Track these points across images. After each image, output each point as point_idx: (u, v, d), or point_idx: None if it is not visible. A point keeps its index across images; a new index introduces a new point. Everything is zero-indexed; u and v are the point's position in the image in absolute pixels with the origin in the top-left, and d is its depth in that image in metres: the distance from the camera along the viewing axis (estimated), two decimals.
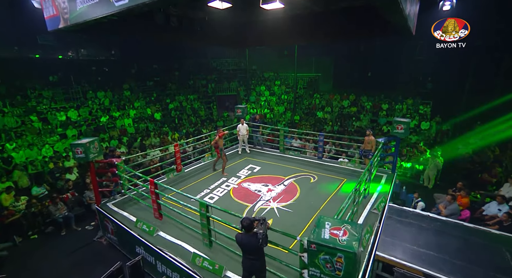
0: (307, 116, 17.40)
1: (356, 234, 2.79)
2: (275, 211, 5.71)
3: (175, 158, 7.64)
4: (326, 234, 2.85)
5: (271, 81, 20.90)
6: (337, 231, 2.87)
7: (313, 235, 2.93)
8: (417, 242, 4.49)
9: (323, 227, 2.94)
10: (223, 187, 6.94)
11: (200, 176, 7.65)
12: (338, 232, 2.85)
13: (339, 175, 7.59)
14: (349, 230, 2.84)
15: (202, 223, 4.31)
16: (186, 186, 7.02)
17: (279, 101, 19.03)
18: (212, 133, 8.91)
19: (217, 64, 21.28)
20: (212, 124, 15.24)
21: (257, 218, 3.26)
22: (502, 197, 6.36)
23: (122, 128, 12.10)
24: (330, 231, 2.88)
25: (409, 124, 6.94)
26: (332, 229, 2.91)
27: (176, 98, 16.98)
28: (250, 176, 7.60)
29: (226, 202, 6.14)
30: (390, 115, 15.44)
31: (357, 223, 3.14)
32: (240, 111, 10.03)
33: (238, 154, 9.56)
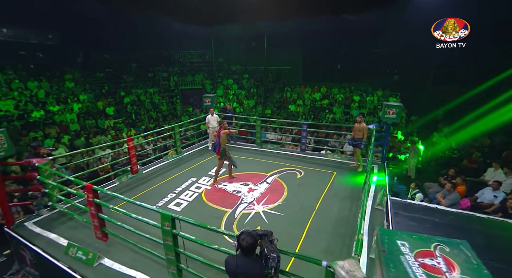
0: (279, 109, 16.56)
1: (473, 262, 1.56)
2: (262, 216, 4.54)
3: (129, 157, 6.03)
4: (416, 269, 1.54)
5: (239, 75, 19.70)
6: (431, 260, 1.62)
7: (390, 272, 1.59)
8: None
9: (399, 253, 1.67)
10: (193, 189, 5.56)
11: (163, 178, 6.16)
12: (436, 263, 1.58)
13: (326, 168, 6.70)
14: (454, 257, 1.59)
15: (166, 245, 2.94)
16: (144, 191, 5.49)
17: (248, 95, 17.90)
18: (175, 125, 7.41)
19: (180, 56, 19.43)
20: (175, 119, 13.51)
21: (261, 232, 2.06)
22: (498, 182, 6.01)
23: (62, 124, 9.85)
24: (417, 259, 1.62)
25: (401, 108, 6.31)
26: (418, 255, 1.66)
27: (133, 91, 14.84)
28: (225, 174, 6.32)
29: (197, 209, 4.80)
30: (362, 107, 15.29)
31: (456, 240, 1.96)
32: (208, 101, 8.67)
33: (208, 150, 8.19)
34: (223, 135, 5.54)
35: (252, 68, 19.97)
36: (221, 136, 5.53)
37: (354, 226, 4.22)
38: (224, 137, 5.55)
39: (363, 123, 6.36)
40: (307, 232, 4.09)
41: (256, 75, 19.76)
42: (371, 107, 15.05)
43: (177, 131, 7.30)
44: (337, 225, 4.27)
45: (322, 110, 15.74)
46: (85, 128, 10.63)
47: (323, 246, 3.77)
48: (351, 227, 4.20)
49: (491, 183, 6.08)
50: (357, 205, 4.89)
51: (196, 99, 17.92)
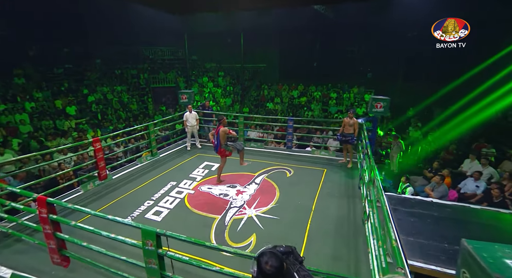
0: (257, 108, 16.16)
1: None
2: (256, 221, 4.05)
3: (95, 161, 5.18)
4: None
5: (214, 72, 18.99)
6: None
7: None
8: (445, 238, 3.49)
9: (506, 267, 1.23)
10: (174, 194, 4.90)
11: (137, 183, 5.40)
12: None
13: (315, 165, 6.40)
14: None
15: (150, 268, 2.32)
16: (115, 200, 4.72)
17: (224, 93, 17.28)
18: (149, 124, 6.63)
19: (150, 53, 18.20)
20: (147, 119, 12.47)
21: (283, 249, 1.57)
22: (479, 173, 6.14)
23: (9, 126, 8.46)
24: None
25: (389, 101, 6.20)
26: None
27: (98, 89, 13.46)
28: (208, 176, 5.73)
29: (181, 217, 4.18)
30: (339, 104, 15.45)
31: None
32: (185, 97, 7.98)
33: (187, 150, 7.50)
34: (222, 133, 4.82)
35: (228, 66, 19.37)
36: (220, 133, 4.83)
37: (356, 226, 3.92)
38: (223, 135, 4.83)
39: (354, 118, 6.16)
40: (308, 236, 3.69)
41: (232, 73, 19.21)
42: (348, 104, 15.25)
43: (152, 131, 6.53)
44: (338, 226, 3.93)
45: (301, 107, 15.65)
46: (40, 130, 9.29)
47: (328, 251, 3.39)
48: (353, 227, 3.89)
49: (473, 173, 6.20)
50: (354, 203, 4.61)
51: (169, 98, 16.88)
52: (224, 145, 4.88)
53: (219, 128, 4.85)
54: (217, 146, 4.93)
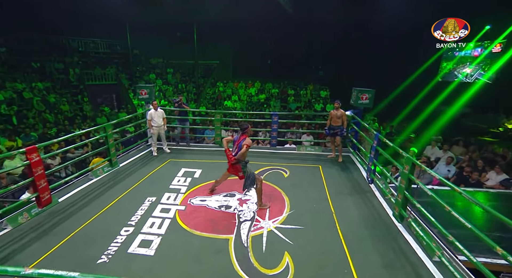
0: (214, 106, 15.13)
1: None
2: (279, 235, 3.31)
3: (32, 180, 3.62)
4: None
5: (162, 69, 17.12)
6: None
7: None
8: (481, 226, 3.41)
9: None
10: (159, 214, 3.76)
11: (100, 205, 4.00)
12: None
13: (307, 162, 5.98)
14: None
15: None
16: (71, 234, 3.32)
17: (177, 91, 15.68)
18: (106, 124, 5.15)
19: (80, 45, 15.22)
20: (87, 122, 10.22)
21: None
22: (451, 158, 6.64)
23: None
24: None
25: (374, 93, 6.18)
26: None
27: (8, 85, 10.42)
28: (194, 186, 4.69)
29: (182, 245, 3.13)
30: (297, 101, 15.61)
31: None
32: (145, 93, 6.66)
33: (153, 156, 6.19)
34: (245, 149, 3.65)
35: (177, 62, 17.71)
36: (243, 146, 3.66)
37: (386, 225, 3.57)
38: (246, 150, 3.69)
39: (341, 110, 5.92)
40: (346, 244, 3.15)
41: (182, 69, 17.63)
42: (306, 100, 15.54)
43: (110, 134, 5.06)
44: (369, 227, 3.51)
45: (260, 105, 15.27)
46: None
47: (376, 259, 2.92)
48: (384, 227, 3.53)
49: (447, 158, 6.68)
50: (368, 199, 4.30)
51: (107, 97, 14.38)
52: (243, 163, 3.81)
53: (242, 138, 3.76)
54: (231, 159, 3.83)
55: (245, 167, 3.80)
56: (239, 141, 3.76)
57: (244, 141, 3.70)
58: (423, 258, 2.94)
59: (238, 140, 3.79)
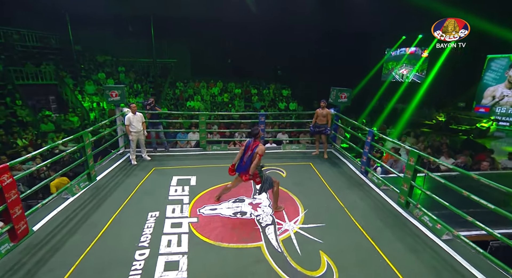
0: (176, 107, 14.31)
1: None
2: (307, 235, 3.33)
3: (5, 208, 2.88)
4: None
5: (112, 67, 15.42)
6: None
7: None
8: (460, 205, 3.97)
9: None
10: (171, 230, 3.39)
11: (92, 230, 3.41)
12: None
13: (297, 160, 6.13)
14: None
15: None
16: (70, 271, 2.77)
17: (132, 92, 14.33)
18: (83, 132, 4.40)
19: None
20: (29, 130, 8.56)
21: None
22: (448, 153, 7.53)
23: None
24: None
25: (351, 92, 6.65)
26: None
27: None
28: (196, 194, 4.37)
29: (213, 260, 2.90)
30: (261, 100, 15.80)
31: None
32: (116, 94, 5.97)
33: (132, 165, 5.56)
34: (258, 160, 3.50)
35: (128, 60, 16.13)
36: (258, 152, 3.50)
37: (392, 213, 3.91)
38: (258, 162, 3.55)
39: (326, 108, 6.21)
40: (370, 235, 3.34)
41: (135, 68, 16.17)
42: (269, 99, 15.85)
43: (88, 144, 4.34)
44: (381, 217, 3.78)
45: (225, 104, 15.03)
46: None
47: (401, 246, 3.17)
48: (392, 215, 3.86)
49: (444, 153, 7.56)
50: (366, 190, 4.63)
51: (41, 99, 12.22)
52: (259, 168, 3.65)
53: (255, 145, 3.59)
54: (245, 167, 3.64)
55: (261, 171, 3.70)
56: (252, 148, 3.61)
57: (257, 148, 3.57)
58: (434, 239, 3.30)
59: (251, 147, 3.63)
